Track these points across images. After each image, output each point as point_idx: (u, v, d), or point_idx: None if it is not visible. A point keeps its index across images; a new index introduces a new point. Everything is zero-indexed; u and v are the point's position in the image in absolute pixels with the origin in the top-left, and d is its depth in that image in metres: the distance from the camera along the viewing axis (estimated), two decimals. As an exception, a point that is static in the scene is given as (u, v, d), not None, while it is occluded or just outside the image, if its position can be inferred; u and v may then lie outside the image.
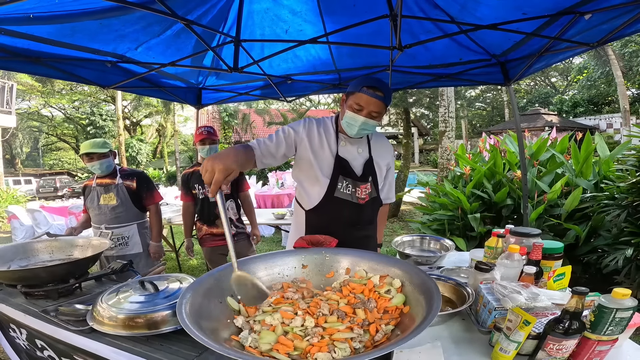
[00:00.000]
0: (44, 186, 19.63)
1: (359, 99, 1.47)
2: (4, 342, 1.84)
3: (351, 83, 1.53)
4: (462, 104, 14.32)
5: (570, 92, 23.46)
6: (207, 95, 3.66)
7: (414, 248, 2.07)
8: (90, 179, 2.76)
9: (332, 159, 1.59)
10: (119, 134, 18.44)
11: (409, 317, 0.95)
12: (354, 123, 1.50)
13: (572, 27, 1.79)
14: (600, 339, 0.83)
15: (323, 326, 0.95)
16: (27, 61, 2.10)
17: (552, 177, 3.94)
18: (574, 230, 3.22)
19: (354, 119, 1.50)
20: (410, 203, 8.77)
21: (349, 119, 1.52)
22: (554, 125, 13.95)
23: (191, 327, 0.78)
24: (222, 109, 21.40)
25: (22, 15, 1.65)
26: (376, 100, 1.45)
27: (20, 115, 23.01)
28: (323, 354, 0.83)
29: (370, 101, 1.46)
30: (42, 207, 7.84)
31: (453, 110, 7.08)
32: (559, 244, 1.45)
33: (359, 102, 1.47)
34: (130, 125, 29.03)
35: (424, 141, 29.41)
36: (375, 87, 1.45)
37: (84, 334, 1.26)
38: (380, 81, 1.49)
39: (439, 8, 1.85)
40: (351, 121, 1.51)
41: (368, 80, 1.47)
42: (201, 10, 1.95)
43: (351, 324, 0.96)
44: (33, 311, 1.49)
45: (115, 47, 2.26)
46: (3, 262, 1.85)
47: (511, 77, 2.78)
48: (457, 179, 4.62)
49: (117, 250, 2.65)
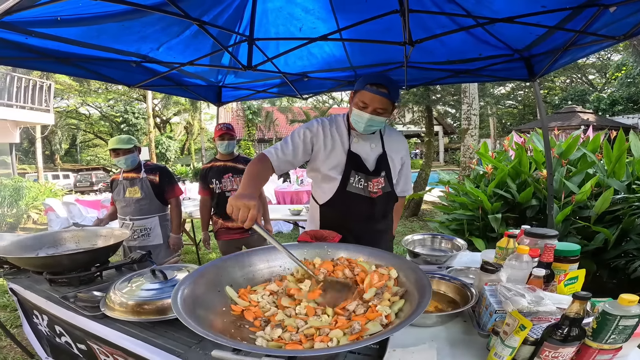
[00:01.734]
0: (80, 181, 20.76)
1: (363, 97, 1.49)
2: (27, 328, 1.96)
3: (358, 80, 1.54)
4: (489, 101, 13.79)
5: (608, 90, 22.06)
6: (226, 93, 3.75)
7: (424, 247, 2.04)
8: (117, 173, 2.91)
9: (345, 154, 1.62)
10: (149, 132, 19.19)
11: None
12: (360, 120, 1.53)
13: (597, 20, 1.70)
14: (601, 348, 0.79)
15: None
16: (57, 62, 2.22)
17: (582, 177, 3.73)
18: (603, 233, 3.04)
19: (360, 116, 1.52)
20: (431, 202, 8.59)
21: (356, 117, 1.54)
22: (590, 124, 13.19)
23: (183, 314, 0.81)
24: (245, 107, 21.79)
25: (51, 17, 1.75)
26: (380, 97, 1.46)
27: (59, 113, 24.40)
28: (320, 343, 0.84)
29: (374, 98, 1.47)
30: (77, 201, 8.33)
31: (477, 107, 6.84)
32: (576, 246, 1.38)
33: (363, 100, 1.49)
34: (160, 123, 30.15)
35: (449, 140, 28.66)
36: (378, 84, 1.46)
37: (97, 320, 1.33)
38: (385, 77, 1.50)
39: (453, 2, 1.80)
40: (357, 118, 1.54)
41: (372, 78, 1.49)
42: (216, 11, 1.99)
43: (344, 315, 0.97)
44: (55, 297, 1.58)
45: (139, 47, 2.35)
46: (32, 250, 1.98)
47: (536, 72, 2.66)
48: (479, 178, 4.48)
49: (139, 241, 2.78)
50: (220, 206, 2.87)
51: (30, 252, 1.96)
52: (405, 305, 0.94)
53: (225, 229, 2.88)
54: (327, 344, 0.82)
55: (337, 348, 0.77)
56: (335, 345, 0.81)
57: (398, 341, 1.00)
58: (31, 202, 8.97)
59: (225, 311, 1.01)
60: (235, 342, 0.75)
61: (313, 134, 1.62)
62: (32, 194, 9.12)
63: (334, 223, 1.65)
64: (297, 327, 0.91)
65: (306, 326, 0.91)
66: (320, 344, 0.82)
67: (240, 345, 0.73)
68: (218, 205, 2.87)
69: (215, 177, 2.86)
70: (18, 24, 1.76)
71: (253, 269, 1.23)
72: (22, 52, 2.04)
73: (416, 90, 7.22)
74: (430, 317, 1.09)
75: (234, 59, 2.18)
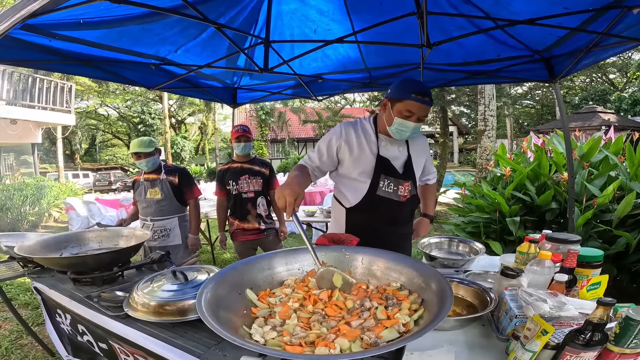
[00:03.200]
0: (99, 180, 21.32)
1: (409, 106, 1.49)
2: (49, 326, 2.00)
3: (394, 88, 1.54)
4: (506, 101, 13.53)
5: (630, 89, 21.32)
6: (242, 94, 3.80)
7: (441, 250, 2.02)
8: (139, 174, 2.98)
9: (374, 158, 1.63)
10: (165, 132, 19.55)
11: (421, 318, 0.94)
12: (406, 129, 1.53)
13: (621, 21, 1.66)
14: (623, 352, 0.78)
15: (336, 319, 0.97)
16: (80, 64, 2.30)
17: (605, 180, 3.62)
18: (625, 237, 2.95)
19: (404, 125, 1.52)
20: (445, 204, 8.47)
21: (400, 126, 1.54)
22: (611, 124, 12.78)
23: (206, 315, 0.83)
24: (258, 108, 21.98)
25: (74, 20, 1.80)
26: (426, 105, 1.50)
27: (79, 114, 25.11)
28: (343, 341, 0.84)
29: (421, 108, 1.49)
30: (97, 200, 8.55)
31: (494, 108, 6.72)
32: (599, 251, 1.35)
33: (409, 109, 1.49)
34: (175, 123, 30.69)
35: (464, 140, 28.25)
36: (423, 92, 1.48)
37: (119, 319, 1.35)
38: (426, 86, 1.53)
39: (471, 3, 1.78)
40: (402, 127, 1.54)
41: (416, 86, 1.49)
42: (232, 13, 2.02)
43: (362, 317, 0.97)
44: (78, 297, 1.61)
45: (158, 50, 2.41)
46: (56, 250, 2.03)
47: (557, 73, 2.61)
48: (496, 180, 4.40)
49: (159, 241, 2.83)
50: (237, 207, 2.91)
51: (54, 251, 2.01)
52: (424, 313, 0.93)
53: (241, 230, 2.92)
54: (330, 350, 0.81)
55: (359, 354, 0.77)
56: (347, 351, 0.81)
57: (416, 345, 1.00)
58: (52, 201, 9.25)
59: (246, 314, 1.03)
60: (259, 347, 0.77)
61: (338, 141, 1.64)
62: (53, 193, 9.42)
63: (361, 226, 1.66)
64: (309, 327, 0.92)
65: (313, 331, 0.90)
66: (323, 349, 0.81)
67: (264, 350, 0.74)
68: (235, 206, 2.91)
69: (232, 179, 2.90)
70: (42, 27, 1.83)
71: (272, 272, 1.25)
72: (46, 54, 2.11)
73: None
74: (448, 321, 1.09)
75: (251, 61, 2.20)
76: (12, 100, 9.99)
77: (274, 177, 3.04)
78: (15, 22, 1.22)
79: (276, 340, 0.85)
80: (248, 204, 2.90)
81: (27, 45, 1.94)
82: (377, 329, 0.89)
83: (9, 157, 14.28)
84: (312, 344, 0.84)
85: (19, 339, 2.92)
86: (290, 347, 0.80)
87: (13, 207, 8.08)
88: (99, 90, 23.39)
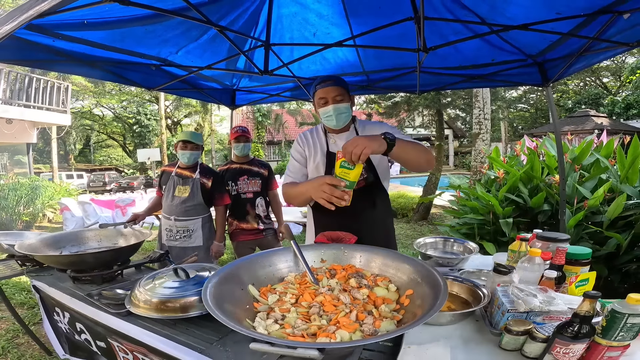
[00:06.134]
0: (94, 180, 21.19)
1: (319, 95, 1.67)
2: (47, 325, 1.99)
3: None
4: (501, 105, 13.70)
5: (623, 93, 21.64)
6: (240, 96, 3.83)
7: (436, 250, 2.06)
8: (170, 165, 2.85)
9: (324, 156, 1.76)
10: (161, 133, 19.51)
11: (416, 311, 0.98)
12: (327, 114, 1.68)
13: (612, 26, 1.72)
14: (610, 345, 0.82)
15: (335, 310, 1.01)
16: (83, 64, 2.31)
17: (595, 182, 3.70)
18: (615, 238, 3.02)
19: (325, 112, 1.68)
20: (441, 206, 8.55)
21: (323, 114, 1.70)
22: (604, 128, 12.96)
23: (214, 309, 0.86)
24: (255, 110, 21.97)
25: (78, 21, 1.82)
26: (331, 87, 1.64)
27: (74, 114, 24.95)
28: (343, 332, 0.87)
29: (327, 90, 1.65)
30: (92, 200, 8.50)
31: (489, 112, 6.82)
32: (587, 249, 1.40)
33: (320, 97, 1.67)
34: (171, 125, 30.58)
35: (459, 143, 28.43)
36: (324, 79, 1.68)
37: (121, 317, 1.36)
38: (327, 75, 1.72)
39: (467, 8, 1.83)
40: (325, 114, 1.69)
41: (318, 79, 1.71)
42: (233, 16, 2.06)
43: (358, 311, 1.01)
44: (79, 295, 1.62)
45: (159, 51, 2.43)
46: (56, 248, 2.03)
47: (550, 77, 2.68)
48: (490, 183, 4.47)
49: (180, 241, 2.72)
50: (236, 208, 2.93)
51: (54, 250, 2.01)
52: (421, 306, 0.98)
53: (239, 230, 2.94)
54: (331, 340, 0.85)
55: (362, 340, 0.81)
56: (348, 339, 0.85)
57: (413, 338, 1.04)
58: (47, 201, 9.19)
59: (249, 308, 1.06)
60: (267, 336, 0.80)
61: (301, 145, 1.82)
62: (48, 193, 9.36)
63: (327, 222, 1.74)
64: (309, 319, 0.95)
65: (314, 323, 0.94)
66: (324, 340, 0.84)
67: (273, 339, 0.77)
68: (234, 207, 2.93)
69: (231, 180, 2.93)
70: (45, 27, 1.84)
71: (273, 269, 1.28)
72: (49, 54, 2.12)
73: (427, 94, 7.23)
74: (444, 316, 1.13)
75: (251, 63, 2.24)
76: (9, 99, 9.92)
77: (272, 178, 3.08)
78: (22, 23, 1.24)
79: (279, 332, 0.89)
80: (247, 205, 2.93)
81: (29, 44, 1.94)
82: (377, 321, 0.93)
83: (3, 157, 14.16)
84: (314, 335, 0.87)
85: (16, 338, 2.91)
86: (293, 338, 0.84)
87: (7, 207, 8.02)
88: (95, 90, 23.29)
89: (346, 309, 0.98)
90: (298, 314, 0.97)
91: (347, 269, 1.28)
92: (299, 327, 0.90)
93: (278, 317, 0.97)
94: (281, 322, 0.95)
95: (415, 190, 10.53)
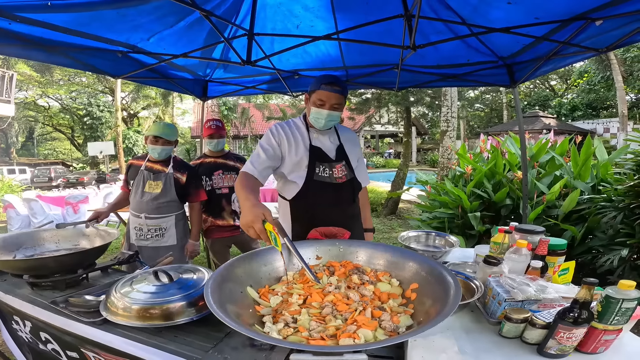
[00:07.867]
0: (38, 176, 19.47)
1: (320, 95, 1.64)
2: (5, 334, 1.80)
3: (311, 82, 1.70)
4: (463, 104, 14.42)
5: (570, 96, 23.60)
6: (213, 87, 3.68)
7: (419, 243, 2.12)
8: (138, 158, 2.64)
9: (307, 149, 1.75)
10: (116, 125, 18.33)
11: (426, 309, 0.99)
12: (320, 117, 1.68)
13: (583, 32, 1.83)
14: (606, 329, 0.88)
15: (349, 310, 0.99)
16: (43, 49, 2.10)
17: (551, 178, 4.01)
18: (570, 230, 3.29)
19: (319, 113, 1.67)
20: (408, 201, 8.84)
21: (315, 114, 1.69)
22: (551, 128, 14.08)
23: (219, 312, 0.80)
24: (221, 103, 21.30)
25: (41, 2, 1.65)
26: (335, 94, 1.63)
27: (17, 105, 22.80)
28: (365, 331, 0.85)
29: (330, 96, 1.63)
30: (39, 197, 7.79)
31: (456, 110, 7.14)
32: (563, 241, 1.50)
33: (320, 98, 1.64)
34: (127, 117, 28.84)
35: (422, 140, 29.50)
36: (332, 82, 1.63)
37: (97, 326, 1.24)
38: (336, 77, 1.68)
39: (451, 9, 1.88)
40: (317, 115, 1.68)
41: (325, 78, 1.65)
42: (216, 1, 1.96)
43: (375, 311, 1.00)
44: (41, 302, 1.47)
45: (129, 37, 2.26)
46: (8, 252, 1.82)
47: (517, 79, 2.83)
48: (457, 178, 4.68)
49: (152, 241, 2.53)
50: (211, 204, 2.81)
51: (6, 253, 1.79)
52: (433, 301, 0.99)
53: (215, 227, 2.84)
54: (355, 341, 0.82)
55: (389, 340, 0.79)
56: (372, 340, 0.84)
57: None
58: (-13, 198, 8.31)
59: (252, 312, 1.01)
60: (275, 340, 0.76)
61: (277, 137, 1.74)
62: (-13, 190, 8.48)
63: (305, 214, 1.75)
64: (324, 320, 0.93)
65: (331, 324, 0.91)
66: (348, 341, 0.82)
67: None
68: (209, 203, 2.81)
69: (206, 174, 2.80)
70: (3, 8, 1.65)
71: (269, 268, 1.24)
72: (3, 38, 1.90)
73: (399, 92, 7.42)
74: (441, 308, 1.16)
75: (235, 52, 2.14)
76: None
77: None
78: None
79: (297, 336, 0.85)
80: (222, 201, 2.82)
81: (-21, 26, 1.74)
82: (394, 317, 0.93)
83: None
84: (333, 336, 0.84)
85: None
86: (314, 342, 0.80)
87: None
88: (41, 80, 21.38)
89: (359, 307, 0.96)
90: (310, 316, 0.94)
91: (345, 265, 1.27)
92: (315, 329, 0.86)
93: (289, 320, 0.92)
94: (294, 325, 0.91)
95: (383, 186, 10.79)
